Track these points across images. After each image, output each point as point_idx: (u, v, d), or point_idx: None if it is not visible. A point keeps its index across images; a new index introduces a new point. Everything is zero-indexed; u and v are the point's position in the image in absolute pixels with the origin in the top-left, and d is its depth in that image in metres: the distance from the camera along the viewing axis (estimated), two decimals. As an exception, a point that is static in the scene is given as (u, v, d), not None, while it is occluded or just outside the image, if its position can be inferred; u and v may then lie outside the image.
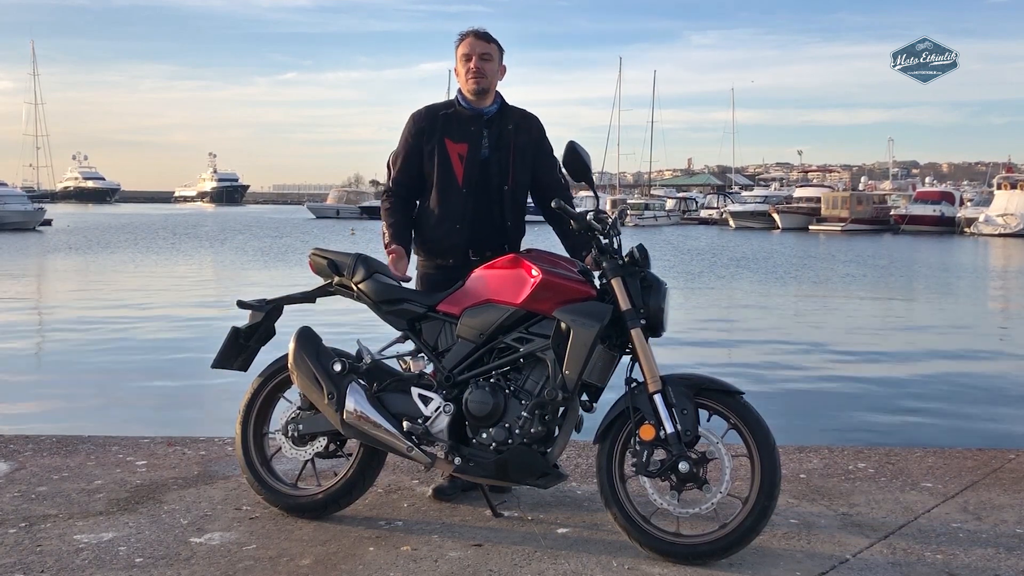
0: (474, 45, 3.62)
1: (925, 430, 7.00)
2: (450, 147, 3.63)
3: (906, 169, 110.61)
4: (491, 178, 3.65)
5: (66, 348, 10.64)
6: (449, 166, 3.63)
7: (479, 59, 3.60)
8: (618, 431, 3.15)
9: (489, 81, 3.65)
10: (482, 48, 3.62)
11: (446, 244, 3.65)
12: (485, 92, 3.64)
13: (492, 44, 3.66)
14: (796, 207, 55.88)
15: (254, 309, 3.61)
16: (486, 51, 3.63)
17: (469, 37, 3.65)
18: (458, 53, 3.66)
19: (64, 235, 38.31)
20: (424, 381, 3.35)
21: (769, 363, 10.02)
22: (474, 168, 3.62)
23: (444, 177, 3.63)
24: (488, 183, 3.65)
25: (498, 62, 3.68)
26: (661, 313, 3.17)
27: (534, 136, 3.75)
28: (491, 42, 3.66)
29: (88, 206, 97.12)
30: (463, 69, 3.63)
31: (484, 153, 3.65)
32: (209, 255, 28.48)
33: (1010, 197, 47.56)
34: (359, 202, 67.05)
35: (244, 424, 3.58)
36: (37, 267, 23.43)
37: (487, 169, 3.65)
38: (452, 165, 3.62)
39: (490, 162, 3.65)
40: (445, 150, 3.63)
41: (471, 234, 3.63)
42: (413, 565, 3.04)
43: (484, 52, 3.62)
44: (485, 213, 3.64)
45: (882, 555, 3.18)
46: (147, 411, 7.42)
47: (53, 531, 3.32)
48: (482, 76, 3.61)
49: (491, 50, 3.65)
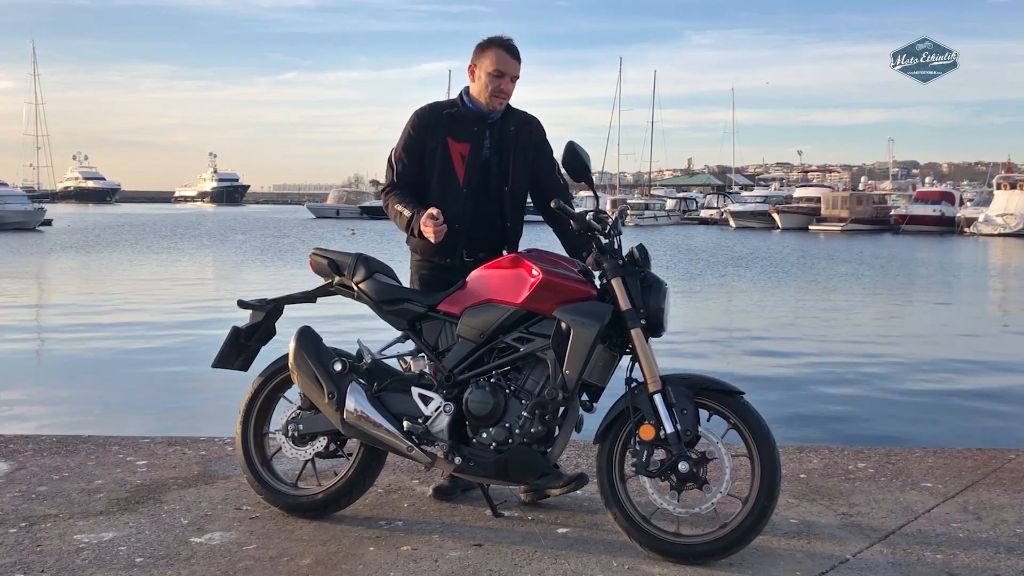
0: (509, 65, 3.57)
1: (925, 430, 7.01)
2: (452, 146, 3.61)
3: (906, 169, 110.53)
4: (491, 179, 3.65)
5: (66, 348, 10.64)
6: (450, 165, 3.62)
7: (511, 81, 3.59)
8: (618, 431, 3.16)
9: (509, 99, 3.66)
10: (515, 71, 3.60)
11: (444, 243, 3.59)
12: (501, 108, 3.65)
13: (520, 63, 3.63)
14: (796, 207, 55.89)
15: (255, 309, 3.61)
16: (518, 74, 3.62)
17: (503, 52, 3.57)
18: (485, 61, 3.57)
19: (64, 235, 38.31)
20: (424, 381, 3.35)
21: (769, 363, 10.03)
22: (475, 168, 3.62)
23: (445, 176, 3.62)
24: (488, 184, 3.64)
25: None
26: (661, 313, 3.17)
27: (535, 138, 3.74)
28: (520, 60, 3.63)
29: (88, 206, 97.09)
30: (489, 83, 3.56)
31: (485, 154, 3.64)
32: (209, 255, 28.49)
33: (1010, 197, 47.57)
34: (359, 202, 67.09)
35: (244, 424, 3.58)
36: (37, 267, 23.42)
37: (488, 170, 3.64)
38: (453, 164, 3.61)
39: (491, 163, 3.65)
40: (447, 149, 3.61)
41: (469, 234, 3.62)
42: (413, 565, 3.04)
43: (516, 75, 3.61)
44: (484, 214, 3.63)
45: (882, 555, 3.18)
46: (147, 411, 7.41)
47: (53, 531, 3.32)
48: (507, 97, 3.62)
49: (519, 71, 3.63)
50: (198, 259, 26.60)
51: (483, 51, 3.60)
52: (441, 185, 3.62)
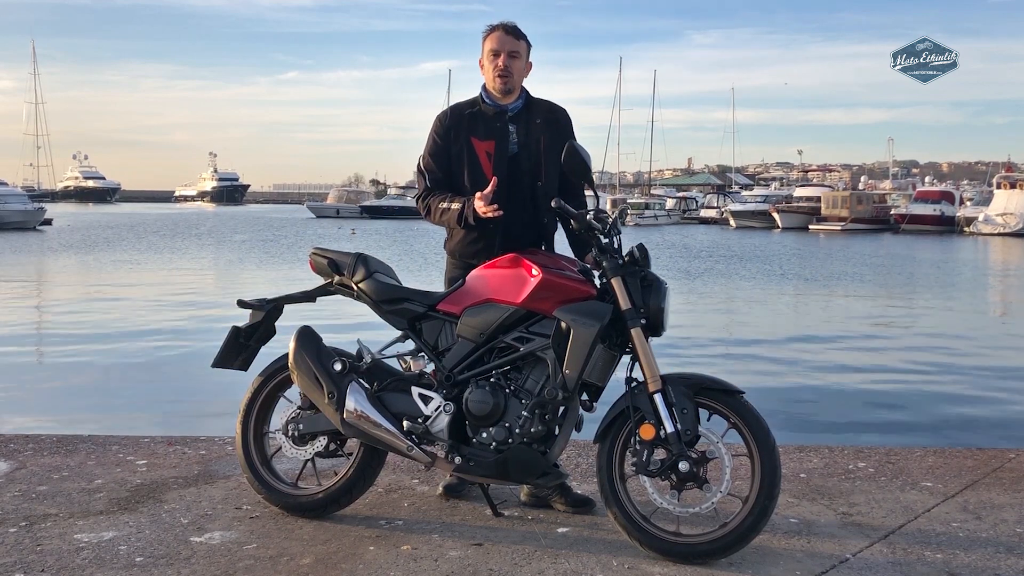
0: (504, 41, 3.52)
1: (925, 430, 7.01)
2: (477, 145, 3.54)
3: (906, 169, 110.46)
4: (522, 175, 3.56)
5: (66, 347, 10.62)
6: (478, 164, 3.53)
7: (507, 57, 3.50)
8: (618, 431, 3.16)
9: (515, 80, 3.55)
10: (512, 45, 3.52)
11: (480, 245, 3.54)
12: (511, 91, 3.56)
13: (521, 41, 3.55)
14: (796, 207, 55.85)
15: (254, 308, 3.61)
16: (515, 48, 3.53)
17: (498, 31, 3.54)
18: (485, 47, 3.55)
19: (64, 234, 38.30)
20: (424, 380, 3.35)
21: (769, 362, 10.02)
22: (502, 164, 3.52)
23: (474, 176, 3.52)
24: (520, 180, 3.55)
25: (525, 59, 3.58)
26: (661, 313, 3.17)
27: (562, 129, 3.63)
28: (520, 38, 3.55)
29: (88, 205, 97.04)
30: (490, 65, 3.53)
31: (513, 149, 3.56)
32: (209, 254, 28.48)
33: (1009, 196, 47.55)
34: (359, 202, 67.07)
35: (244, 423, 3.58)
36: (37, 266, 23.42)
37: (517, 165, 3.55)
38: (480, 163, 3.53)
39: (520, 158, 3.56)
40: (472, 149, 3.54)
41: (505, 233, 3.51)
42: (413, 564, 3.04)
43: (513, 50, 3.52)
44: (518, 211, 3.52)
45: (882, 555, 3.18)
46: (147, 411, 7.41)
47: (53, 530, 3.32)
48: (508, 75, 3.51)
49: (520, 47, 3.55)
50: (198, 259, 26.58)
51: (483, 41, 3.59)
52: (472, 186, 3.51)
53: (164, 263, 24.20)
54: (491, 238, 3.51)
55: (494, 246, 3.50)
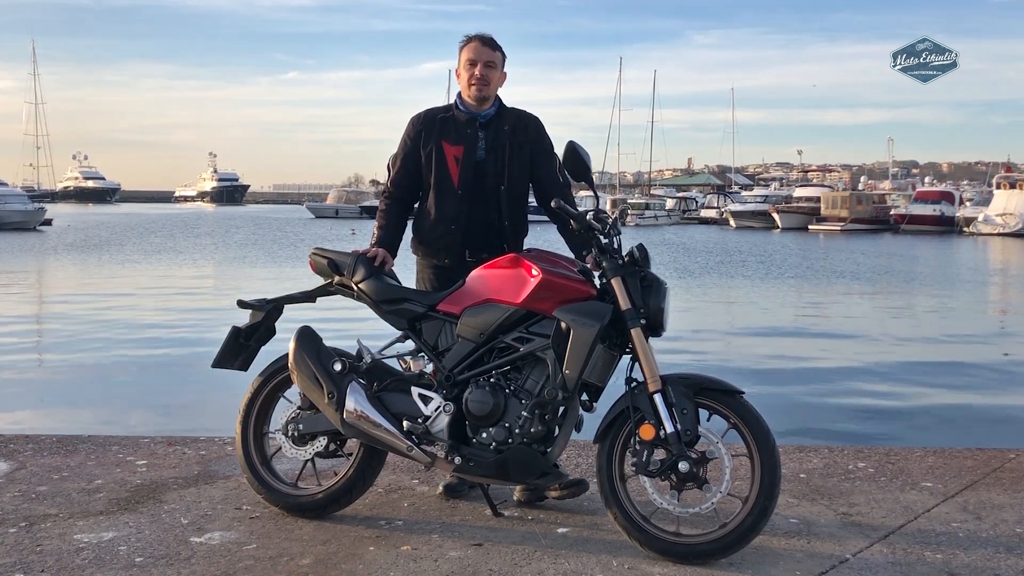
0: (480, 52, 3.64)
1: (925, 430, 7.01)
2: (447, 149, 3.66)
3: (906, 169, 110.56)
4: (487, 179, 3.66)
5: (66, 348, 10.63)
6: (445, 168, 3.65)
7: (484, 67, 3.63)
8: (618, 431, 3.16)
9: (491, 89, 3.67)
10: (487, 56, 3.64)
11: (442, 244, 3.68)
12: (486, 99, 3.67)
13: (497, 52, 3.68)
14: (796, 207, 55.85)
15: (254, 308, 3.62)
16: (491, 59, 3.65)
17: (475, 42, 3.66)
18: (462, 57, 3.67)
19: (64, 234, 38.30)
20: (424, 381, 3.35)
21: (769, 362, 10.03)
22: (469, 170, 3.64)
23: (440, 179, 3.66)
24: (484, 184, 3.66)
25: (500, 69, 3.70)
26: (661, 313, 3.17)
27: (531, 135, 3.75)
28: (496, 49, 3.68)
29: (88, 206, 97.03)
30: (466, 74, 3.65)
31: (480, 155, 3.66)
32: (209, 254, 28.48)
33: (1009, 196, 47.54)
34: (359, 202, 67.01)
35: (244, 423, 3.58)
36: (37, 266, 23.42)
37: (483, 170, 3.66)
38: (448, 167, 3.65)
39: (486, 163, 3.66)
40: (442, 152, 3.66)
41: (466, 235, 3.65)
42: (413, 565, 3.04)
43: (489, 60, 3.64)
44: (481, 214, 3.65)
45: (882, 555, 3.18)
46: (147, 411, 7.41)
47: (53, 531, 3.32)
48: (484, 84, 3.63)
49: (495, 58, 3.67)
50: (198, 259, 26.58)
51: (460, 51, 3.70)
52: (437, 187, 3.67)
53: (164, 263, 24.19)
54: (453, 238, 3.65)
55: (455, 245, 3.66)
